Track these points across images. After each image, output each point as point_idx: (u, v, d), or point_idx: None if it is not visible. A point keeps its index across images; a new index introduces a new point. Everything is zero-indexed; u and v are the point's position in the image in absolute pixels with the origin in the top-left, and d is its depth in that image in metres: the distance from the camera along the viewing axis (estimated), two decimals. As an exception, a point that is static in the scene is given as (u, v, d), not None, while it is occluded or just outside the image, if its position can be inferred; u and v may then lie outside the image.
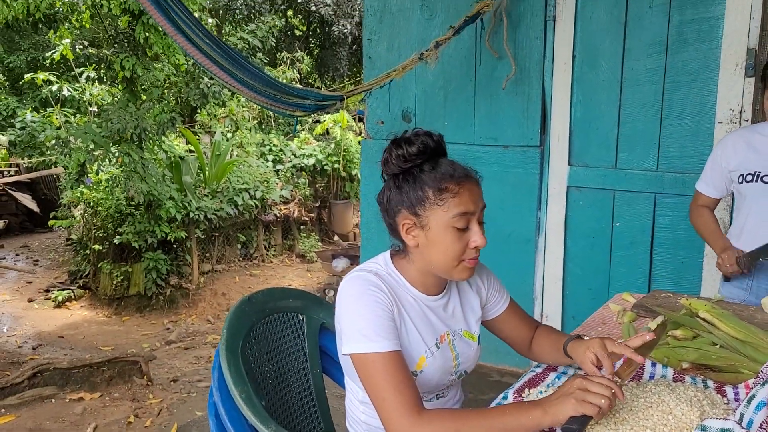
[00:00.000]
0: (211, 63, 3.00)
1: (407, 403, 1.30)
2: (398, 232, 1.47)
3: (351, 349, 1.37)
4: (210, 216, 6.68)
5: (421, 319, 1.50)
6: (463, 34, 3.40)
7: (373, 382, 1.34)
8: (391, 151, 1.43)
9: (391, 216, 1.47)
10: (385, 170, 1.47)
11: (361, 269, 1.49)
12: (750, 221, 2.25)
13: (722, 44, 2.90)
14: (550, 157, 3.38)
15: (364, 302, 1.39)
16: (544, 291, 3.46)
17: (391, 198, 1.45)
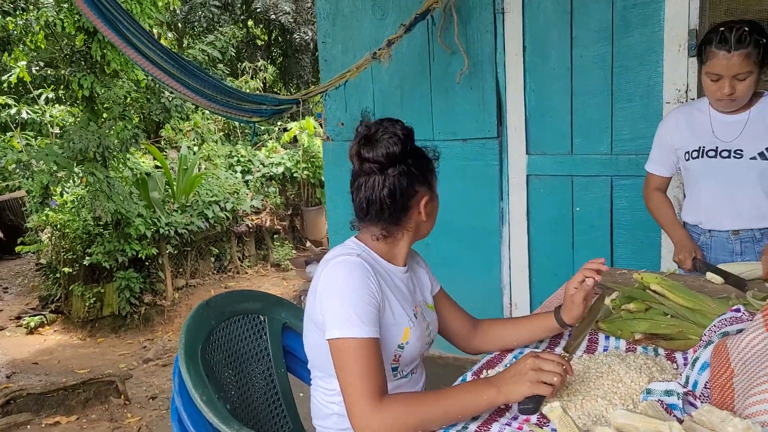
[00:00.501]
0: (163, 73, 3.00)
1: (372, 391, 1.34)
2: (406, 215, 1.52)
3: (333, 334, 1.39)
4: (181, 231, 6.62)
5: (400, 293, 1.55)
6: (416, 32, 3.43)
7: (345, 367, 1.36)
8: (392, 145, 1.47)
9: (406, 199, 1.51)
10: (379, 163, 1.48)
11: (340, 254, 1.49)
12: (704, 197, 2.28)
13: (665, 27, 2.97)
14: (508, 148, 3.42)
15: (351, 287, 1.41)
16: (511, 281, 3.50)
17: (405, 182, 1.49)
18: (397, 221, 1.53)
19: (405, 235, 1.56)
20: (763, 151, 2.15)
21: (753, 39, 2.03)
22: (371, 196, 1.50)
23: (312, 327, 1.52)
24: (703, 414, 1.09)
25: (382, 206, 1.50)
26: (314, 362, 1.58)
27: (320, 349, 1.48)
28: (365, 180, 1.51)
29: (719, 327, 1.48)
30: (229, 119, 6.58)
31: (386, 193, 1.49)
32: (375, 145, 1.48)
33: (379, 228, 1.54)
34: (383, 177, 1.49)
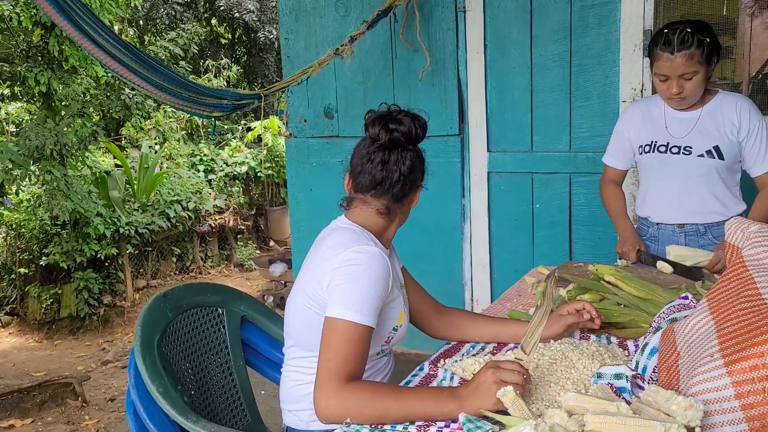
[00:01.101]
0: (122, 67, 2.95)
1: (346, 373, 1.35)
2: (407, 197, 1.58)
3: (336, 313, 1.40)
4: (141, 230, 6.52)
5: (397, 278, 1.61)
6: (379, 29, 3.45)
7: (332, 345, 1.38)
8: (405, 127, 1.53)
9: (414, 182, 1.57)
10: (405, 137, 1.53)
11: (360, 241, 1.50)
12: (651, 190, 2.36)
13: (621, 27, 3.05)
14: (469, 145, 3.46)
15: (369, 277, 1.44)
16: (473, 276, 3.54)
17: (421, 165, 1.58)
18: (400, 199, 1.57)
19: (397, 220, 1.61)
20: (711, 149, 2.21)
21: (696, 39, 2.07)
22: (392, 167, 1.54)
23: (311, 307, 1.52)
24: (650, 395, 1.12)
25: (399, 179, 1.54)
26: (304, 342, 1.57)
27: (315, 330, 1.47)
28: (387, 151, 1.54)
29: (668, 314, 1.52)
30: (189, 114, 6.49)
31: (406, 168, 1.54)
32: (401, 122, 1.53)
33: (384, 202, 1.57)
34: (407, 152, 1.55)
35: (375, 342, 1.52)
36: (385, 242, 1.61)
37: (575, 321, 1.65)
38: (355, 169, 1.57)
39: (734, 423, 1.04)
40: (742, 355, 1.05)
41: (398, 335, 1.60)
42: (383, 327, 1.53)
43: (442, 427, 1.29)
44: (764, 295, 1.16)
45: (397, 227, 1.64)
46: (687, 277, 2.05)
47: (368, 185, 1.55)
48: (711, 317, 1.22)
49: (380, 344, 1.57)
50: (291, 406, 1.62)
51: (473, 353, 1.68)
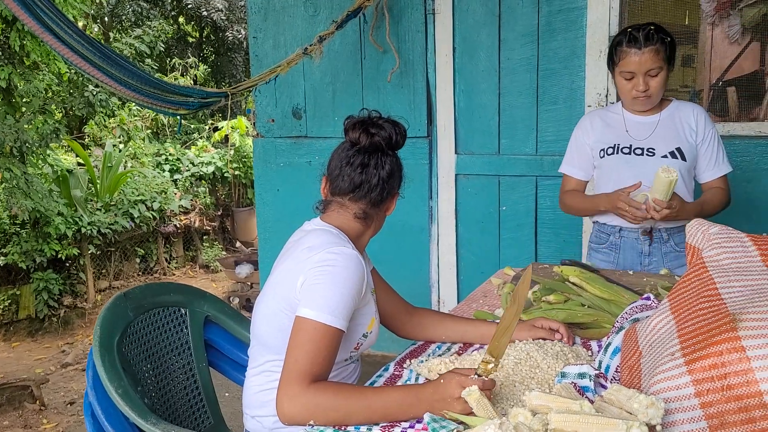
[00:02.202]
0: (86, 62, 2.88)
1: (311, 374, 1.34)
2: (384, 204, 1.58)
3: (307, 314, 1.38)
4: (104, 230, 6.39)
5: (369, 284, 1.58)
6: (348, 30, 3.44)
7: (300, 344, 1.36)
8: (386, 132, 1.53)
9: (392, 188, 1.57)
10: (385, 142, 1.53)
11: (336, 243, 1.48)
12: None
13: (587, 33, 3.09)
14: (437, 147, 3.47)
15: (344, 279, 1.42)
16: (440, 278, 3.55)
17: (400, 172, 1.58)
18: (377, 205, 1.56)
19: (373, 226, 1.61)
20: (673, 150, 2.25)
21: (659, 37, 2.14)
22: (371, 171, 1.53)
23: (282, 310, 1.49)
24: (612, 393, 1.13)
25: (378, 183, 1.53)
26: (271, 344, 1.54)
27: (284, 333, 1.44)
28: (367, 155, 1.54)
29: (630, 314, 1.54)
30: (155, 111, 6.40)
31: (385, 173, 1.54)
32: (381, 127, 1.53)
33: (361, 207, 1.56)
34: (386, 157, 1.54)
35: (344, 348, 1.50)
36: (360, 248, 1.60)
37: (544, 337, 1.65)
38: (333, 172, 1.56)
39: (694, 421, 1.05)
40: (701, 354, 1.07)
41: (368, 341, 1.58)
42: (353, 333, 1.52)
43: (407, 427, 1.29)
44: (723, 295, 1.18)
45: (372, 234, 1.63)
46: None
47: (346, 188, 1.54)
48: (672, 317, 1.24)
49: (349, 350, 1.55)
50: (254, 412, 1.59)
51: (439, 354, 1.68)
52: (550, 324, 1.66)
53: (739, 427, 1.03)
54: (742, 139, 2.96)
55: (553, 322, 1.66)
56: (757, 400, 1.02)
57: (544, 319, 1.68)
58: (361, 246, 1.61)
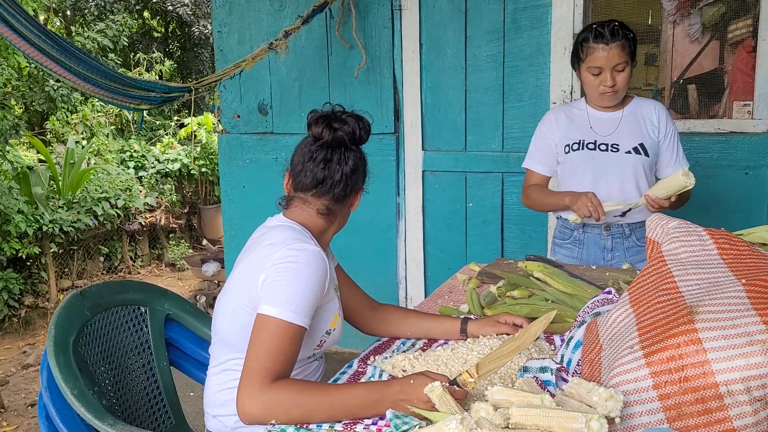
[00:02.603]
0: (44, 56, 2.80)
1: (272, 372, 1.31)
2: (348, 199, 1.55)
3: (269, 311, 1.36)
4: (67, 228, 6.25)
5: (333, 280, 1.56)
6: (314, 25, 3.41)
7: (261, 342, 1.34)
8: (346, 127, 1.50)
9: (356, 183, 1.55)
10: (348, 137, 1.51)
11: (299, 239, 1.46)
12: (582, 188, 2.36)
13: (552, 30, 3.12)
14: (404, 143, 3.47)
15: (306, 275, 1.40)
16: (407, 274, 3.55)
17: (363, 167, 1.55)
18: (341, 200, 1.54)
19: (336, 222, 1.58)
20: (637, 146, 2.28)
21: (623, 33, 2.18)
22: (334, 167, 1.51)
23: (243, 307, 1.46)
24: (573, 387, 1.14)
25: (341, 179, 1.51)
26: (231, 342, 1.51)
27: (245, 330, 1.42)
28: (330, 150, 1.51)
29: (592, 308, 1.55)
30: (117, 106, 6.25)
31: (348, 168, 1.51)
32: (345, 121, 1.51)
33: (324, 203, 1.54)
34: (350, 152, 1.52)
35: (306, 345, 1.48)
36: (324, 244, 1.58)
37: (507, 332, 1.65)
38: (295, 167, 1.55)
39: (652, 413, 1.06)
40: (660, 347, 1.08)
41: (331, 338, 1.56)
42: (316, 330, 1.50)
43: (370, 424, 1.28)
44: (681, 288, 1.20)
45: (335, 231, 1.61)
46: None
47: (309, 184, 1.52)
48: (632, 310, 1.25)
49: (312, 347, 1.53)
50: (215, 411, 1.56)
51: (403, 350, 1.68)
52: (514, 320, 1.66)
53: (696, 418, 1.04)
54: (701, 135, 3.02)
55: (517, 317, 1.67)
56: (713, 392, 1.03)
57: (507, 314, 1.69)
58: (325, 242, 1.59)
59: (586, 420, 1.02)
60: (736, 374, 1.02)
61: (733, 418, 1.02)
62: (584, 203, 2.15)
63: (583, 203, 2.15)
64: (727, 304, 1.10)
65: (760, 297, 1.10)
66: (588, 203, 2.14)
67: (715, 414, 1.03)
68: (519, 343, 1.30)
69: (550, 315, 1.36)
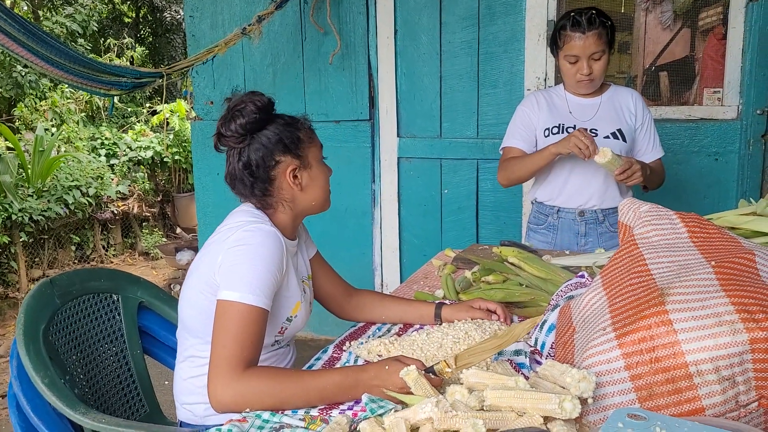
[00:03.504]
0: (11, 41, 2.73)
1: (241, 359, 1.30)
2: (273, 186, 1.49)
3: (228, 296, 1.34)
4: (36, 217, 6.13)
5: (294, 267, 1.54)
6: (288, 10, 3.38)
7: (225, 329, 1.32)
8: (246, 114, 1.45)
9: (267, 170, 1.48)
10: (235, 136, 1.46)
11: (253, 221, 1.45)
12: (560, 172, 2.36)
13: (526, 17, 3.12)
14: (380, 130, 3.46)
15: (261, 256, 1.38)
16: (382, 261, 3.55)
17: (260, 154, 1.47)
18: (264, 192, 1.50)
19: (283, 207, 1.53)
20: (615, 131, 2.30)
21: (601, 21, 2.19)
22: (232, 170, 1.50)
23: (202, 291, 1.45)
24: (547, 369, 1.15)
25: (242, 179, 1.49)
26: (194, 328, 1.50)
27: (207, 316, 1.41)
28: (227, 155, 1.51)
29: (565, 292, 1.57)
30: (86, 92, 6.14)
31: (241, 166, 1.48)
32: (233, 118, 1.47)
33: (254, 200, 1.52)
34: (239, 150, 1.48)
35: (268, 331, 1.47)
36: (285, 231, 1.53)
37: (481, 317, 1.65)
38: None
39: (624, 393, 1.08)
40: (631, 328, 1.10)
41: (293, 326, 1.55)
42: (275, 316, 1.48)
43: (345, 408, 1.28)
44: (652, 270, 1.21)
45: (293, 215, 1.54)
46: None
47: (232, 187, 1.54)
48: (604, 293, 1.26)
49: (273, 334, 1.51)
50: (184, 400, 1.55)
51: (379, 335, 1.68)
52: (488, 305, 1.67)
53: (666, 398, 1.06)
54: (673, 122, 3.06)
55: (491, 303, 1.67)
56: (683, 371, 1.05)
57: (482, 300, 1.69)
58: (286, 229, 1.54)
59: (560, 401, 1.03)
60: (705, 354, 1.04)
61: (702, 397, 1.04)
62: (577, 139, 2.07)
63: (577, 139, 2.07)
64: (697, 286, 1.11)
65: (728, 279, 1.12)
66: (580, 139, 2.07)
67: (684, 393, 1.05)
68: (501, 341, 1.30)
69: (536, 319, 1.37)
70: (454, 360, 1.28)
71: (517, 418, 1.06)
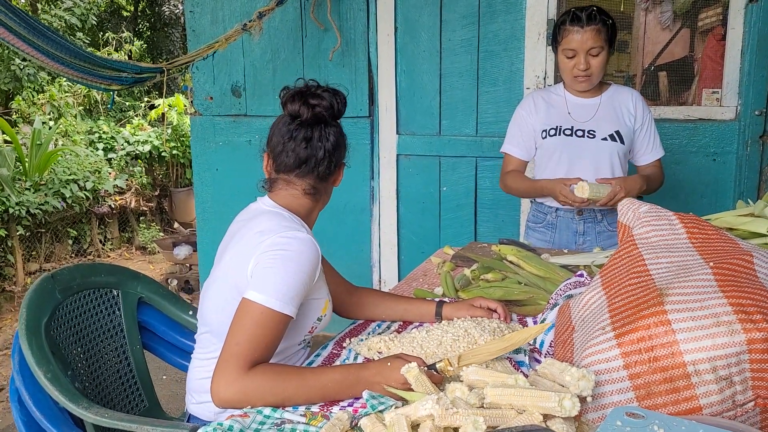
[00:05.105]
0: (10, 34, 2.73)
1: (250, 359, 1.30)
2: (330, 177, 1.53)
3: (256, 298, 1.33)
4: (34, 211, 6.13)
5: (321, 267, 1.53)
6: (288, 6, 3.37)
7: (244, 327, 1.32)
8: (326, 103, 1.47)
9: (338, 159, 1.53)
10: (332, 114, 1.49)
11: (290, 227, 1.43)
12: (558, 173, 2.36)
13: (526, 15, 3.13)
14: (379, 127, 3.46)
15: (297, 264, 1.38)
16: (381, 258, 3.56)
17: (344, 143, 1.52)
18: (326, 178, 1.52)
19: (322, 200, 1.56)
20: (613, 133, 2.31)
21: (601, 18, 2.19)
22: (316, 144, 1.48)
23: (232, 296, 1.43)
24: (546, 367, 1.16)
25: (325, 156, 1.49)
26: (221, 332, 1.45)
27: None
28: (310, 128, 1.48)
29: (564, 291, 1.58)
30: (86, 86, 6.13)
31: (330, 145, 1.49)
32: (321, 97, 1.48)
33: (310, 182, 1.51)
34: (329, 128, 1.49)
35: (298, 332, 1.48)
36: (311, 224, 1.56)
37: (481, 315, 1.65)
38: (275, 148, 1.50)
39: (622, 392, 1.09)
40: (630, 328, 1.11)
41: (322, 324, 1.56)
42: (307, 317, 1.49)
43: (346, 405, 1.29)
44: (651, 271, 1.23)
45: (320, 208, 1.59)
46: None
47: (292, 164, 1.49)
48: (603, 293, 1.28)
49: (303, 334, 1.52)
50: (201, 398, 1.55)
51: (379, 332, 1.69)
52: (488, 303, 1.68)
53: (664, 397, 1.07)
54: (671, 122, 3.07)
55: (491, 301, 1.68)
56: (681, 371, 1.06)
57: (482, 299, 1.70)
58: (312, 221, 1.58)
59: (559, 399, 1.04)
60: (703, 354, 1.05)
61: (700, 396, 1.05)
62: (563, 197, 2.20)
63: (563, 197, 2.20)
64: (696, 287, 1.13)
65: (727, 280, 1.14)
66: (566, 197, 2.18)
67: (682, 392, 1.06)
68: (507, 344, 1.31)
69: (543, 326, 1.38)
70: (457, 360, 1.29)
71: (517, 415, 1.07)
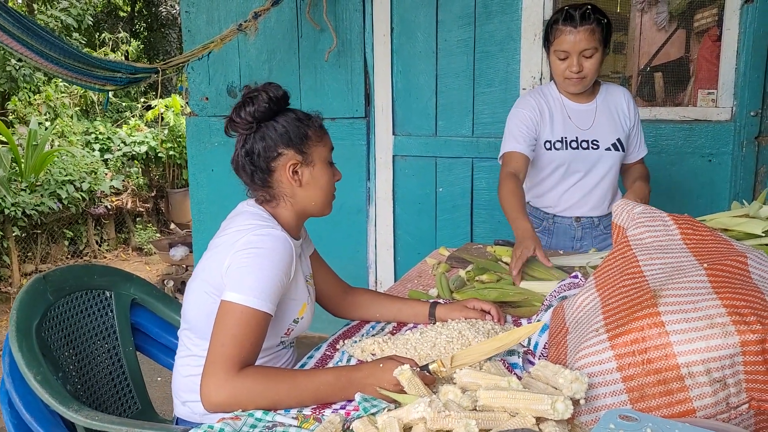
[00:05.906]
0: (5, 35, 2.72)
1: (237, 360, 1.29)
2: (273, 178, 1.49)
3: (233, 298, 1.34)
4: (29, 212, 6.11)
5: (300, 268, 1.54)
6: (284, 7, 3.37)
7: (226, 328, 1.32)
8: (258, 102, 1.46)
9: (267, 161, 1.48)
10: (244, 122, 1.47)
11: (264, 225, 1.44)
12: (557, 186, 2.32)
13: (522, 16, 3.12)
14: (375, 128, 3.46)
15: (271, 261, 1.38)
16: (377, 259, 3.55)
17: (263, 143, 1.47)
18: (264, 183, 1.50)
19: (285, 203, 1.52)
20: (615, 142, 2.27)
21: (596, 17, 2.10)
22: (236, 156, 1.52)
23: (209, 293, 1.45)
24: (539, 369, 1.16)
25: (244, 166, 1.50)
26: (199, 328, 1.50)
27: (211, 317, 1.40)
28: (235, 141, 1.52)
29: (559, 292, 1.57)
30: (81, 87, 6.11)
31: (243, 153, 1.49)
32: (245, 104, 1.48)
33: (260, 191, 1.52)
34: (245, 137, 1.49)
35: (274, 333, 1.48)
36: (293, 228, 1.54)
37: (475, 317, 1.65)
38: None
39: (615, 394, 1.08)
40: (624, 330, 1.10)
41: (299, 327, 1.55)
42: (282, 319, 1.49)
43: (338, 408, 1.28)
44: (645, 272, 1.22)
45: (295, 212, 1.53)
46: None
47: (245, 181, 1.55)
48: (597, 294, 1.27)
49: (279, 335, 1.52)
50: (185, 398, 1.55)
51: (373, 333, 1.68)
52: (482, 305, 1.67)
53: (658, 399, 1.06)
54: (667, 123, 3.07)
55: (485, 303, 1.67)
56: (675, 373, 1.05)
57: (476, 300, 1.69)
58: (290, 226, 1.54)
59: (552, 402, 1.03)
60: (697, 356, 1.04)
61: (693, 398, 1.05)
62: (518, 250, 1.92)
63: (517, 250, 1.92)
64: (690, 288, 1.12)
65: (720, 281, 1.13)
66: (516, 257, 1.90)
67: (676, 395, 1.05)
68: (500, 344, 1.30)
69: (537, 325, 1.37)
70: (450, 360, 1.28)
71: (510, 418, 1.07)
